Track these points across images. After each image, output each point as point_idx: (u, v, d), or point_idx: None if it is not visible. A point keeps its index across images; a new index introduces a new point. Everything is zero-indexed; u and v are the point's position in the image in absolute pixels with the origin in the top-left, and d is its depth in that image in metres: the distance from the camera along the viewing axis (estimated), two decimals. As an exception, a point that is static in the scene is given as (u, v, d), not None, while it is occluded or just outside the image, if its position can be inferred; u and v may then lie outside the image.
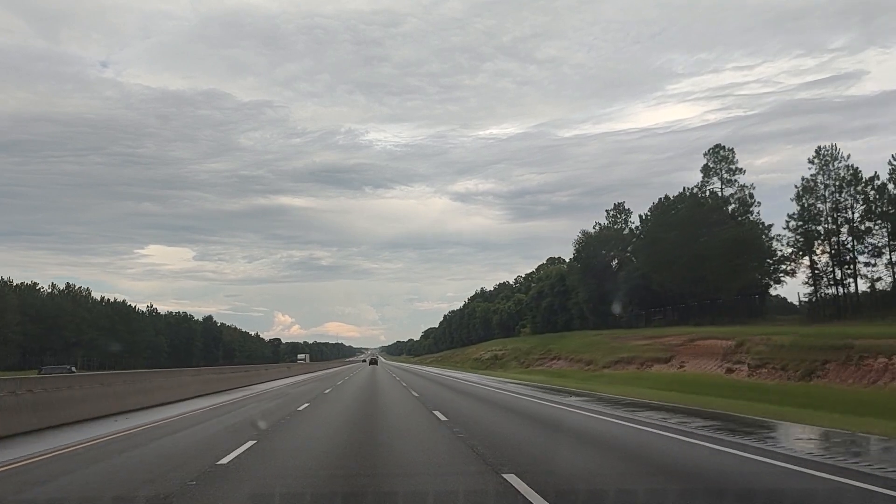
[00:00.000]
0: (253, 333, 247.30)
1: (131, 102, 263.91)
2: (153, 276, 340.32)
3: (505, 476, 8.02)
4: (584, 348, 53.80)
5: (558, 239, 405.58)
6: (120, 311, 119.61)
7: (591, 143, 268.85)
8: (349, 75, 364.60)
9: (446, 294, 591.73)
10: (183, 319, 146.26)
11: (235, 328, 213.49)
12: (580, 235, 76.92)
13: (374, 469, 9.12)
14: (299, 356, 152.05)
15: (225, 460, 9.66)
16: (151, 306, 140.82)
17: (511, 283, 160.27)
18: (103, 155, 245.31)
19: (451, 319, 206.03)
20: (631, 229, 74.12)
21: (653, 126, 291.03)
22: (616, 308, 72.95)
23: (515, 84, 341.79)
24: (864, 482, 7.63)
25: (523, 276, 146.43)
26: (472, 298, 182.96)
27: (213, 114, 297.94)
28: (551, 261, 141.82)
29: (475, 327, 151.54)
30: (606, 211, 75.90)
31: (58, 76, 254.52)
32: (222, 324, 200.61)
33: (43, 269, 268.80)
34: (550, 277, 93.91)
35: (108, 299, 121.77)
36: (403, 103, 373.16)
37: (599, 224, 76.10)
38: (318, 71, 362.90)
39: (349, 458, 10.05)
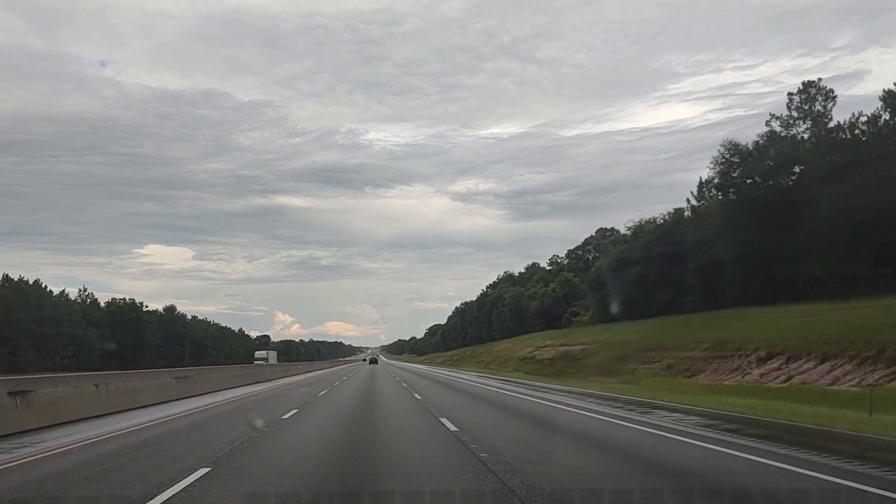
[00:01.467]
0: (237, 329, 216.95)
1: (130, 102, 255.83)
2: (152, 275, 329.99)
3: None
4: (840, 335, 22.53)
5: (558, 239, 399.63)
6: (26, 293, 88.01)
7: (592, 143, 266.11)
8: (349, 75, 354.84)
9: (447, 294, 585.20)
10: (130, 309, 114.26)
11: (211, 322, 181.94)
12: (721, 150, 44.86)
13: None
14: (258, 354, 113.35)
15: None
16: (85, 290, 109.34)
17: (544, 265, 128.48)
18: (102, 154, 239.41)
19: (464, 312, 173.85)
20: (823, 130, 42.02)
21: (654, 126, 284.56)
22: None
23: (515, 84, 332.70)
24: None
25: (563, 254, 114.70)
26: (492, 286, 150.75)
27: (212, 113, 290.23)
28: (601, 232, 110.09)
29: (502, 318, 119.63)
30: (789, 96, 43.42)
31: (57, 75, 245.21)
32: (194, 317, 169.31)
33: (43, 269, 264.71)
34: (641, 235, 62.23)
35: (12, 278, 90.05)
36: (403, 103, 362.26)
37: (770, 124, 43.53)
38: (317, 70, 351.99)
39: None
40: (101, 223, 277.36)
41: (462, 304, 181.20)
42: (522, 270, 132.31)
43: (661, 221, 59.92)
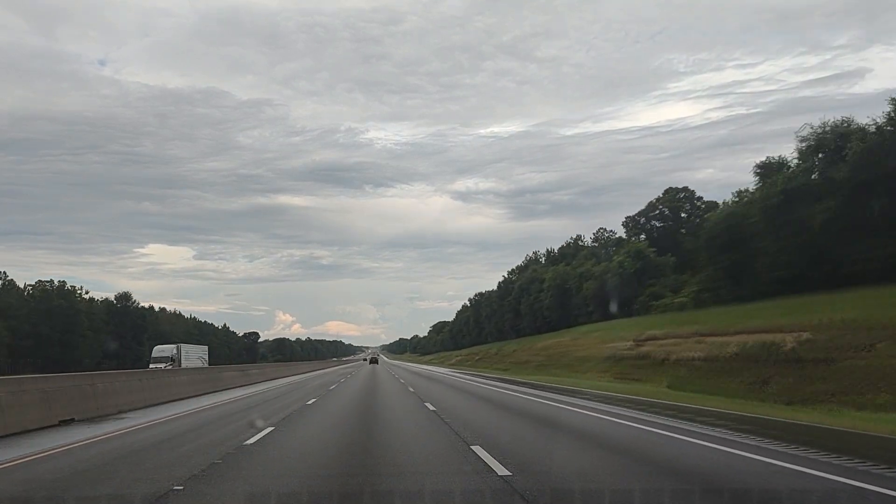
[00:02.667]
0: (220, 325, 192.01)
1: (129, 101, 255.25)
2: (153, 275, 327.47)
3: None
4: None
5: (559, 238, 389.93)
6: None
7: (592, 142, 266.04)
8: (349, 73, 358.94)
9: (447, 293, 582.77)
10: (58, 294, 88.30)
11: (189, 317, 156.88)
12: None
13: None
14: (157, 352, 66.67)
15: None
16: (3, 274, 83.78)
17: (587, 241, 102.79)
18: (101, 154, 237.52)
19: (479, 304, 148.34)
20: None
21: (654, 125, 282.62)
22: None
23: (515, 83, 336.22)
24: None
25: (622, 223, 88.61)
26: (516, 270, 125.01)
27: (211, 112, 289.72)
28: (671, 193, 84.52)
29: (537, 307, 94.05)
30: None
31: (55, 74, 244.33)
32: (162, 308, 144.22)
33: (43, 268, 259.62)
34: (830, 149, 36.63)
35: None
36: (403, 102, 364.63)
37: None
38: (317, 69, 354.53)
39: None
40: (101, 223, 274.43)
41: (476, 294, 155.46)
42: (563, 245, 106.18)
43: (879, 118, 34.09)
